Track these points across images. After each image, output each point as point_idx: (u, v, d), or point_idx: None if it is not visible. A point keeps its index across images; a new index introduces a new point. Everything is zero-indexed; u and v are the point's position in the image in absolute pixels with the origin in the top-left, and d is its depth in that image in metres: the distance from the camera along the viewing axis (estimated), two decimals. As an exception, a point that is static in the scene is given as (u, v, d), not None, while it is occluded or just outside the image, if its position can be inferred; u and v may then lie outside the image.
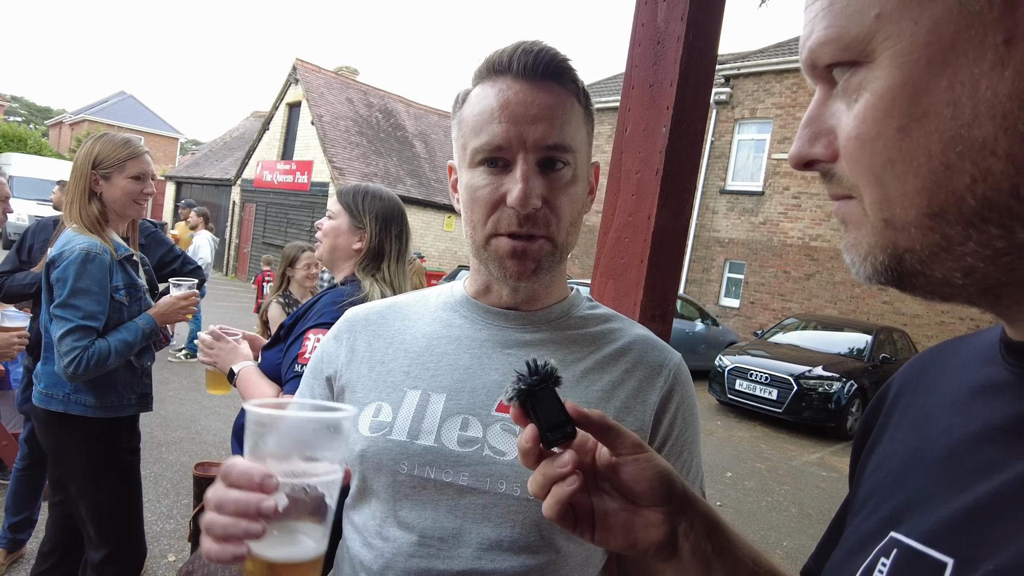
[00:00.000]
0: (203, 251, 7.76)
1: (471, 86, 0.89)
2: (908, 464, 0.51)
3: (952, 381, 0.53)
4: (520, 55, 0.82)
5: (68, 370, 1.96)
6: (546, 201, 0.83)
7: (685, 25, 1.27)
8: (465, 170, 0.87)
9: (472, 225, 0.87)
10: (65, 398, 2.09)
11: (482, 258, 0.88)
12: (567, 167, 0.85)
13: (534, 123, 0.81)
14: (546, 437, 0.58)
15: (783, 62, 14.13)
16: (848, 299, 13.18)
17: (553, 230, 0.85)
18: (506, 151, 0.82)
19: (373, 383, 0.90)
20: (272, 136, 19.91)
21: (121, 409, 2.19)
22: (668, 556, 0.60)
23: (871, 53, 0.41)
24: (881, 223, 0.42)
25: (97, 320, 2.02)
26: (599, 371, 0.89)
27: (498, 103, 0.82)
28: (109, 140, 2.18)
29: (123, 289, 2.13)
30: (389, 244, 1.94)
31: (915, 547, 0.44)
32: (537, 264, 0.86)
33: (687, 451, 0.91)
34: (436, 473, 0.83)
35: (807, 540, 5.09)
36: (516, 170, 0.82)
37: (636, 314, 1.32)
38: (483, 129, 0.82)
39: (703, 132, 1.36)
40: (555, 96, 0.83)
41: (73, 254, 1.99)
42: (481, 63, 0.87)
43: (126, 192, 2.16)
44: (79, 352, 1.96)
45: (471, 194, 0.85)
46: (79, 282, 1.98)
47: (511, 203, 0.81)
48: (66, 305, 1.98)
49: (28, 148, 29.84)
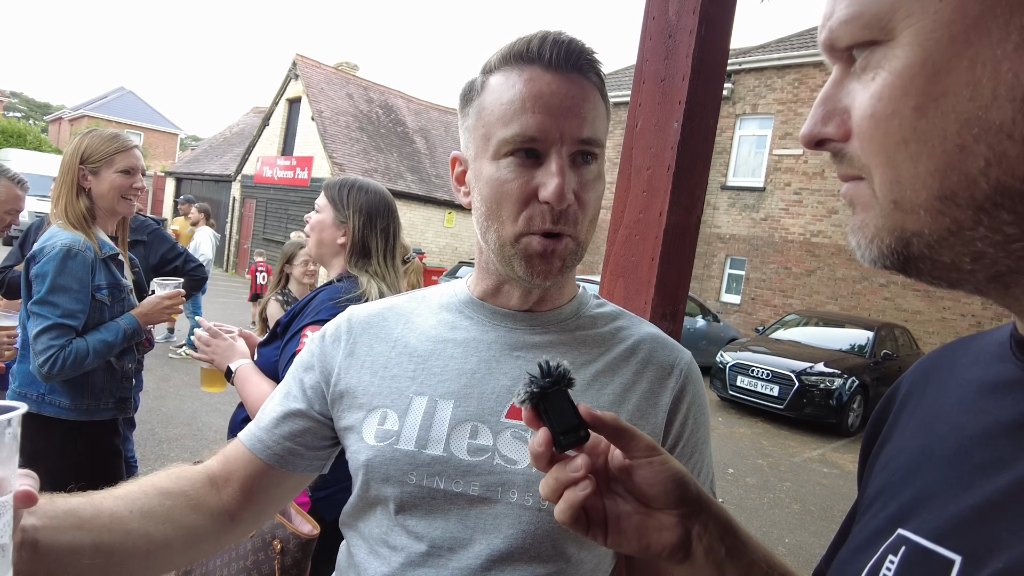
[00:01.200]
0: (204, 247, 7.75)
1: (484, 75, 0.84)
2: (917, 461, 0.51)
3: (962, 379, 0.52)
4: (552, 45, 0.79)
5: (43, 369, 1.90)
6: (576, 196, 0.80)
7: (697, 19, 1.24)
8: (487, 162, 0.82)
9: (499, 221, 0.81)
10: (39, 399, 2.02)
11: (506, 255, 0.83)
12: (595, 162, 0.83)
13: (569, 115, 0.78)
14: (559, 441, 0.57)
15: (784, 58, 14.10)
16: (849, 295, 13.18)
17: (580, 227, 0.82)
18: (540, 143, 0.78)
19: (377, 389, 0.87)
20: (272, 132, 19.86)
21: (97, 413, 2.11)
22: (681, 559, 0.60)
23: (892, 31, 0.40)
24: (890, 205, 0.42)
25: (76, 319, 1.95)
26: (610, 373, 0.87)
27: (530, 92, 0.78)
28: (97, 135, 2.13)
29: (105, 288, 2.06)
30: (375, 239, 1.87)
31: (923, 544, 0.43)
32: (563, 263, 0.83)
33: (698, 451, 0.90)
34: (446, 483, 0.80)
35: (809, 537, 5.09)
36: (551, 163, 0.78)
37: (647, 312, 1.30)
38: (513, 119, 0.78)
39: (715, 128, 1.34)
40: (583, 89, 0.80)
41: (54, 250, 1.93)
42: (502, 50, 0.82)
43: (115, 187, 2.11)
44: (55, 351, 1.90)
45: (498, 188, 0.80)
46: (59, 279, 1.92)
47: (546, 198, 0.77)
48: (44, 302, 1.92)
49: (27, 144, 29.84)
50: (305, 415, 0.91)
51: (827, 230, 13.48)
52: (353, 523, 0.90)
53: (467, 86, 0.87)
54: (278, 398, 0.94)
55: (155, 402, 5.77)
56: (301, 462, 0.91)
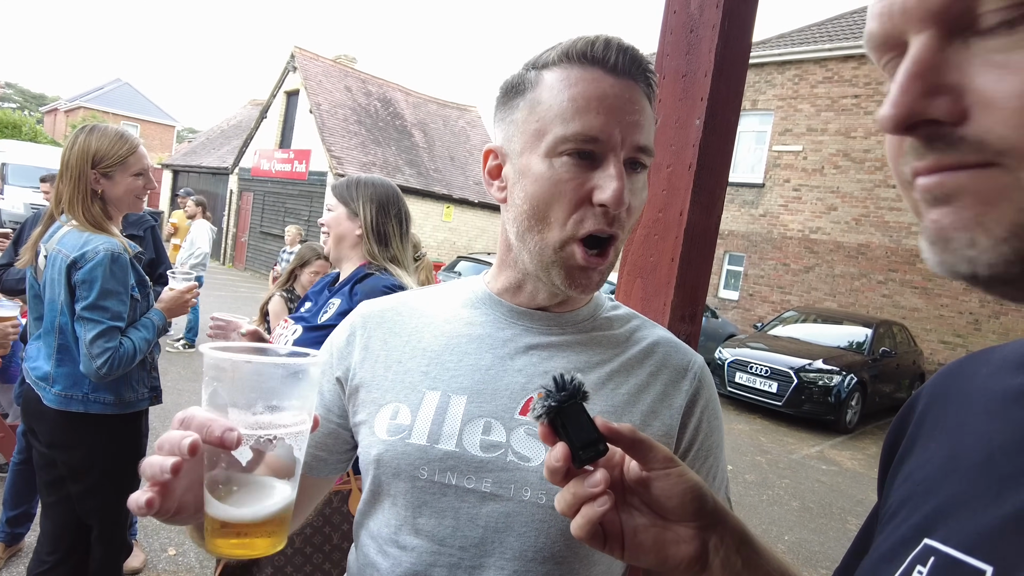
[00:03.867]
0: (201, 240, 7.70)
1: (537, 70, 0.81)
2: (942, 471, 0.49)
3: (985, 389, 0.51)
4: (616, 50, 0.77)
5: (102, 371, 1.96)
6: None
7: (721, 12, 1.21)
8: (538, 158, 0.79)
9: (545, 223, 0.79)
10: (84, 398, 2.08)
11: (545, 261, 0.81)
12: (645, 170, 0.82)
13: (629, 120, 0.77)
14: (578, 456, 0.56)
15: (785, 54, 14.07)
16: (847, 292, 13.20)
17: (625, 233, 0.82)
18: (600, 144, 0.76)
19: (390, 383, 0.86)
20: (270, 124, 19.76)
21: (137, 404, 2.20)
22: (699, 572, 0.59)
23: None
24: None
25: (123, 320, 2.03)
26: (624, 374, 0.86)
27: (595, 93, 0.76)
28: (103, 135, 2.10)
29: (136, 287, 2.13)
30: (391, 224, 1.99)
31: (952, 555, 0.42)
32: (601, 277, 0.82)
33: (712, 456, 0.89)
34: (458, 479, 0.79)
35: (808, 534, 5.10)
36: (610, 166, 0.76)
37: (666, 314, 1.27)
38: (575, 117, 0.76)
39: (736, 126, 1.31)
40: (641, 97, 0.79)
41: (98, 255, 1.97)
42: (562, 47, 0.80)
43: (130, 190, 2.14)
44: (111, 353, 1.98)
45: (553, 187, 0.78)
46: (107, 284, 1.98)
47: (604, 200, 0.75)
48: (95, 307, 1.97)
49: (23, 135, 29.58)
50: (326, 421, 0.92)
51: (826, 227, 13.49)
52: (364, 522, 0.89)
53: (516, 78, 0.84)
54: None
55: (153, 396, 5.72)
56: (325, 467, 0.95)
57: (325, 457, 0.94)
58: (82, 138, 2.08)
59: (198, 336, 8.06)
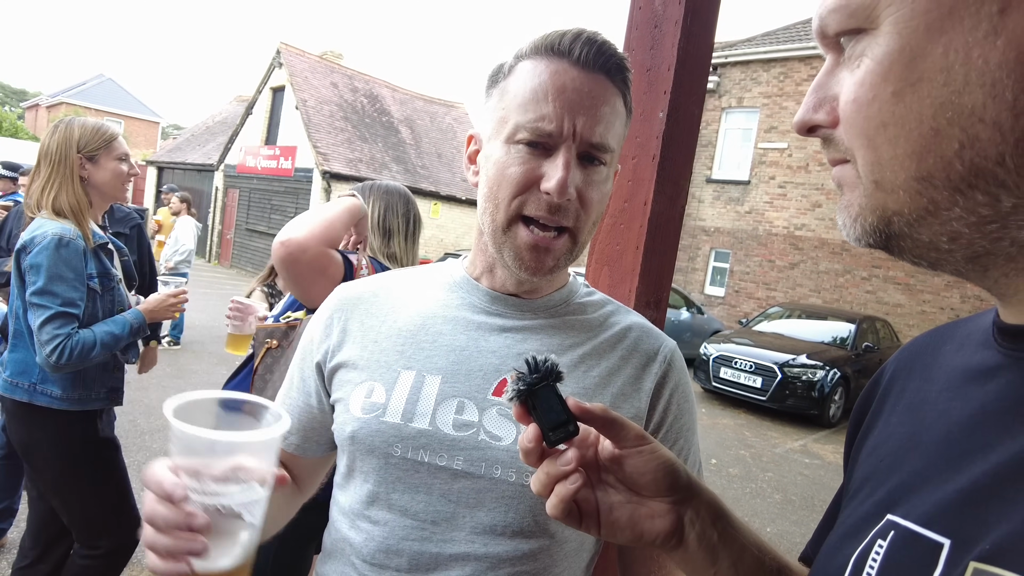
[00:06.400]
0: (185, 237, 7.65)
1: (515, 59, 0.85)
2: (904, 448, 0.52)
3: (946, 366, 0.53)
4: (584, 42, 0.80)
5: (51, 359, 1.89)
6: (579, 193, 0.81)
7: (684, 9, 1.25)
8: (499, 144, 0.82)
9: (495, 203, 0.83)
10: (31, 388, 2.01)
11: (499, 243, 0.84)
12: (604, 166, 0.84)
13: (586, 115, 0.79)
14: (548, 436, 0.57)
15: (770, 51, 14.16)
16: (832, 288, 13.33)
17: (580, 224, 0.83)
18: (553, 135, 0.79)
19: (365, 362, 0.88)
20: (256, 121, 19.61)
21: (88, 403, 2.11)
22: (675, 546, 0.60)
23: (875, 19, 0.42)
24: (872, 185, 0.44)
25: (76, 307, 1.96)
26: (597, 357, 0.88)
27: (553, 84, 0.79)
28: (83, 124, 2.12)
29: (96, 277, 2.07)
30: (396, 220, 2.05)
31: (912, 528, 0.44)
32: (555, 262, 0.84)
33: (683, 438, 0.91)
34: (430, 457, 0.82)
35: (790, 526, 5.17)
36: (558, 157, 0.79)
37: (631, 301, 1.31)
38: (532, 107, 0.79)
39: (699, 118, 1.35)
40: (607, 92, 0.81)
41: (46, 239, 1.93)
42: (536, 39, 0.83)
43: (116, 174, 2.14)
44: (62, 340, 1.91)
45: (501, 170, 0.81)
46: (54, 268, 1.92)
47: (547, 189, 0.78)
48: (43, 292, 1.92)
49: (3, 131, 29.20)
50: (308, 407, 0.95)
51: (811, 223, 13.61)
52: (337, 497, 0.91)
53: (496, 67, 0.87)
54: (283, 393, 0.99)
55: (137, 393, 5.69)
56: (318, 448, 0.98)
57: (316, 439, 0.97)
58: (63, 128, 2.09)
59: (183, 334, 8.02)
